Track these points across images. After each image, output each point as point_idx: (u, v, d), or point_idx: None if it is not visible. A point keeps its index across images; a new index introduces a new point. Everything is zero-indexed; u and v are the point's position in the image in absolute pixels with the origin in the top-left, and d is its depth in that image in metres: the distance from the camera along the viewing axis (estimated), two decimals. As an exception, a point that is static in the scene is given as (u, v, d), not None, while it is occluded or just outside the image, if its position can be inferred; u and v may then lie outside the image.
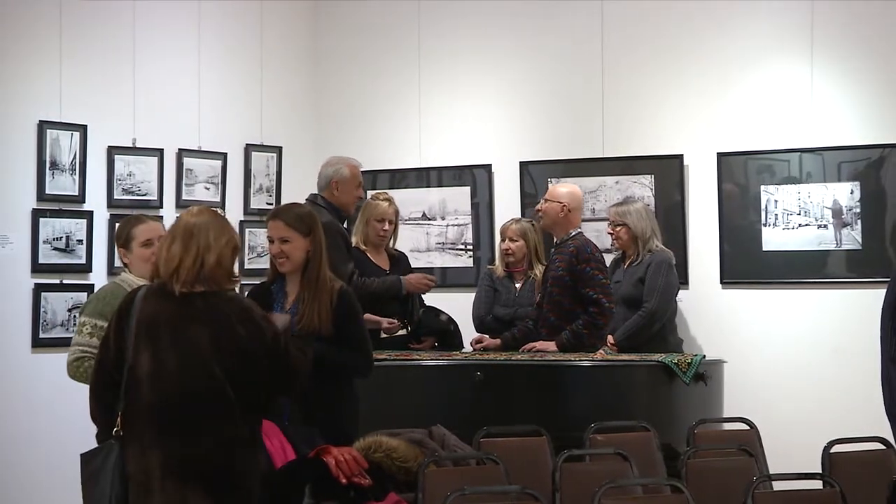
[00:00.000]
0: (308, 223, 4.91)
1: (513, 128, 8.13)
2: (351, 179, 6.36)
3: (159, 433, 4.00)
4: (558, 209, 6.60)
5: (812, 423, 7.00)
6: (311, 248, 4.89)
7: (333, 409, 4.88)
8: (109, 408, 4.09)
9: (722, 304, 7.51)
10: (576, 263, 6.46)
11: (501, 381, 6.15)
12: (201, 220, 4.15)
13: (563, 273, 6.49)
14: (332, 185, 6.35)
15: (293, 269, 4.94)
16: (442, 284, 8.02)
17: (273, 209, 5.37)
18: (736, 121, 7.51)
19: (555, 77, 7.98)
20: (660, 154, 7.64)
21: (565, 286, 6.49)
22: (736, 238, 7.47)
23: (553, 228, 6.70)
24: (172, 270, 4.09)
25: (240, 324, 4.07)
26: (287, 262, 4.92)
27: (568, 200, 6.62)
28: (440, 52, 8.28)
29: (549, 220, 6.67)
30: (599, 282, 6.45)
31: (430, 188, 8.28)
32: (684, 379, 6.10)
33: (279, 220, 4.93)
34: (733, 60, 7.51)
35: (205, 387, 4.01)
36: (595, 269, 6.47)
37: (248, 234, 8.04)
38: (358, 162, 6.51)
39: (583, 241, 6.56)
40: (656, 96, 7.70)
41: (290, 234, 4.90)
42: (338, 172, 6.38)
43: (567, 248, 6.53)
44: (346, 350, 4.89)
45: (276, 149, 8.22)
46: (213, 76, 7.94)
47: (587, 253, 6.48)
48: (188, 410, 4.00)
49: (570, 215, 6.61)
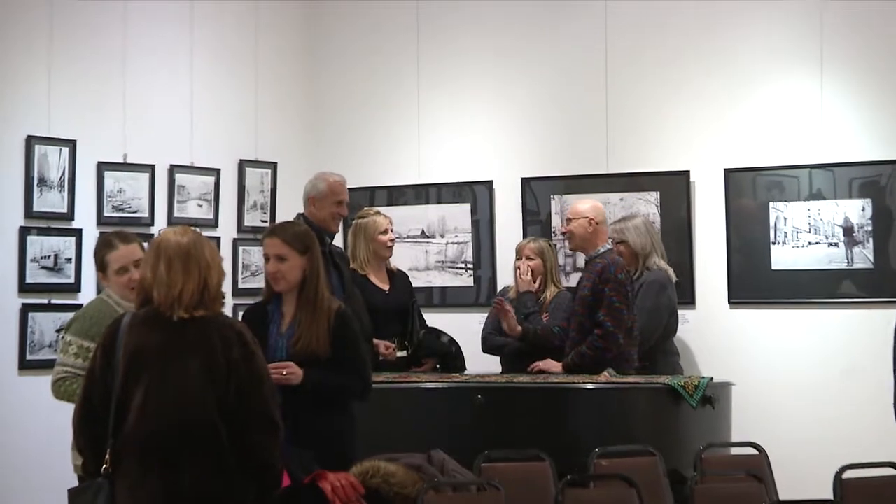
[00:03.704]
0: (305, 242, 4.93)
1: (514, 143, 8.13)
2: (328, 194, 6.33)
3: (150, 469, 3.98)
4: (585, 225, 6.63)
5: (823, 447, 6.98)
6: (307, 268, 4.90)
7: (329, 432, 4.88)
8: (97, 441, 4.07)
9: (730, 325, 7.50)
10: (598, 283, 6.50)
11: (503, 404, 6.13)
12: (193, 240, 4.13)
13: (588, 293, 6.54)
14: (310, 201, 6.36)
15: (289, 289, 4.94)
16: (442, 304, 8.08)
17: (270, 226, 5.38)
18: (744, 136, 7.51)
19: (557, 91, 7.99)
20: (665, 170, 7.64)
21: (588, 306, 6.53)
22: (744, 256, 7.46)
23: (583, 247, 6.72)
24: (175, 297, 4.05)
25: (235, 346, 4.05)
26: (283, 281, 4.93)
27: (593, 214, 6.66)
28: (440, 64, 8.29)
29: (579, 239, 6.69)
30: (612, 304, 6.46)
31: (429, 205, 8.27)
32: (691, 402, 6.09)
33: (276, 238, 4.95)
34: (741, 74, 7.52)
35: (196, 419, 3.99)
36: (612, 290, 6.47)
37: (242, 252, 8.05)
38: (340, 177, 6.45)
39: (609, 260, 6.57)
40: (662, 110, 7.71)
41: (286, 252, 4.91)
42: (314, 188, 6.38)
43: (595, 266, 6.58)
44: (343, 373, 4.89)
45: (270, 164, 8.24)
46: (206, 90, 7.95)
47: (609, 273, 6.49)
48: (179, 444, 3.98)
49: (598, 228, 6.65)
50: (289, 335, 4.92)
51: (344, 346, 4.89)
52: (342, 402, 4.98)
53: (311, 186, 6.40)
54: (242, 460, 4.01)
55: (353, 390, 4.97)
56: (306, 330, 4.85)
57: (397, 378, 6.44)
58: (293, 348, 4.84)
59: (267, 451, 4.04)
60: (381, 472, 4.62)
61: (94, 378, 4.10)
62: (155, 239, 4.20)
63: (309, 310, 4.88)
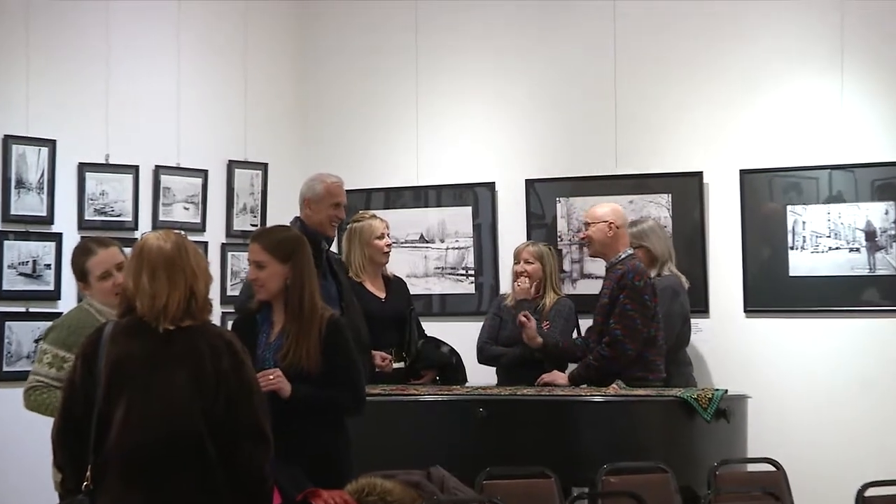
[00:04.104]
0: (287, 249, 4.91)
1: (518, 143, 8.13)
2: (324, 196, 6.35)
3: (133, 485, 3.96)
4: (605, 229, 6.66)
5: (844, 463, 7.01)
6: (290, 276, 4.89)
7: (322, 447, 4.88)
8: (77, 456, 4.04)
9: (745, 335, 7.51)
10: (615, 290, 6.53)
11: (506, 417, 6.13)
12: (177, 246, 4.10)
13: (607, 301, 6.57)
14: (305, 203, 6.37)
15: (270, 297, 4.95)
16: (441, 313, 8.08)
17: (255, 230, 5.37)
18: (760, 135, 7.52)
19: (564, 88, 7.99)
20: (677, 171, 7.64)
21: (607, 314, 6.57)
22: (760, 263, 7.47)
23: (604, 252, 6.73)
24: (160, 309, 4.02)
25: (224, 356, 4.04)
26: (262, 289, 4.95)
27: (613, 218, 6.68)
28: (440, 60, 8.29)
29: (599, 244, 6.71)
30: (626, 313, 6.48)
31: (428, 208, 8.27)
32: (705, 416, 6.10)
33: (256, 244, 4.97)
34: (758, 71, 7.53)
35: (183, 432, 3.97)
36: (628, 298, 6.49)
37: (231, 258, 8.05)
38: (337, 178, 6.47)
39: (630, 266, 6.59)
40: (674, 108, 7.71)
41: (265, 259, 4.92)
42: (310, 189, 6.39)
43: (615, 273, 6.60)
44: (335, 386, 4.88)
45: (261, 165, 8.23)
46: (193, 88, 7.94)
47: (627, 279, 6.52)
48: (164, 459, 3.96)
49: (618, 232, 6.67)
50: (276, 346, 4.91)
51: (335, 356, 4.88)
52: (335, 416, 4.97)
53: (307, 188, 6.41)
54: (231, 476, 3.99)
55: (346, 404, 4.96)
56: (295, 343, 4.85)
57: (395, 390, 6.44)
58: (281, 362, 4.84)
59: (257, 465, 4.03)
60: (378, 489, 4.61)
61: (74, 389, 4.08)
62: (137, 245, 4.17)
63: (296, 321, 4.88)
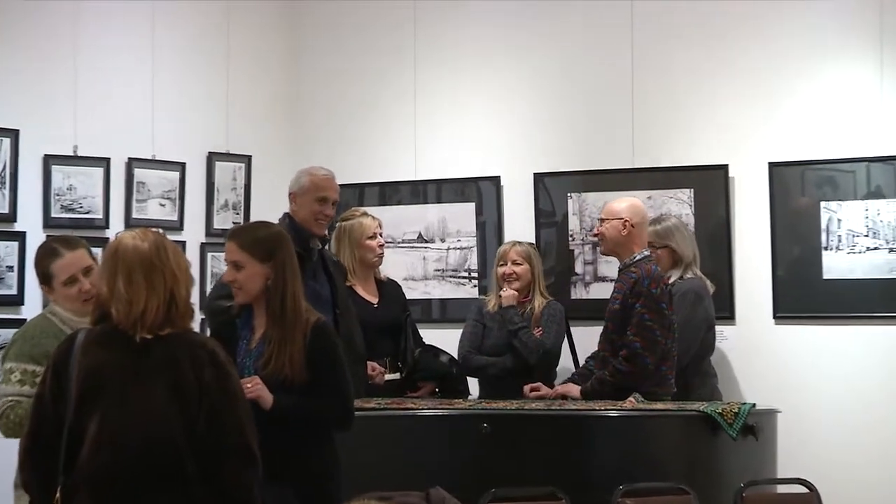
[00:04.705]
0: (268, 247, 4.92)
1: (526, 133, 8.14)
2: (309, 189, 6.39)
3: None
4: (619, 227, 6.64)
5: (883, 484, 7.06)
6: (271, 277, 4.90)
7: (310, 465, 4.87)
8: (46, 476, 4.03)
9: (775, 343, 7.52)
10: (628, 297, 6.51)
11: (512, 433, 6.11)
12: (156, 246, 4.10)
13: (619, 307, 6.55)
14: (291, 197, 6.44)
15: (249, 300, 4.96)
16: (442, 319, 8.09)
17: (231, 228, 5.37)
18: (792, 125, 7.53)
19: (576, 73, 8.00)
20: (701, 164, 7.67)
21: (619, 321, 6.54)
22: (791, 264, 7.49)
23: (617, 251, 6.71)
24: (137, 316, 4.02)
25: (207, 367, 4.03)
26: (241, 291, 4.96)
27: (629, 215, 6.66)
28: (439, 41, 8.30)
29: (612, 243, 6.69)
30: (643, 323, 6.45)
31: (427, 204, 8.28)
32: (730, 432, 6.07)
33: (233, 242, 4.98)
34: (789, 56, 7.54)
35: (160, 450, 3.96)
36: (644, 306, 6.46)
37: (211, 258, 8.01)
38: (327, 172, 6.50)
39: (645, 270, 6.55)
40: (697, 96, 7.72)
41: (243, 258, 4.92)
42: (296, 182, 6.46)
43: (629, 276, 6.58)
44: (320, 396, 4.87)
45: (244, 158, 8.24)
46: (170, 72, 7.93)
47: (642, 286, 6.48)
48: (140, 479, 3.95)
49: (633, 231, 6.64)
50: (257, 353, 4.92)
51: (321, 363, 4.87)
52: (322, 430, 4.96)
53: (294, 181, 6.49)
54: (215, 498, 3.99)
55: (333, 416, 4.95)
56: (277, 351, 4.84)
57: (391, 404, 6.43)
58: (262, 370, 4.84)
59: (243, 486, 4.02)
60: (373, 513, 4.61)
61: (43, 404, 4.06)
62: (111, 245, 4.14)
63: (278, 326, 4.87)
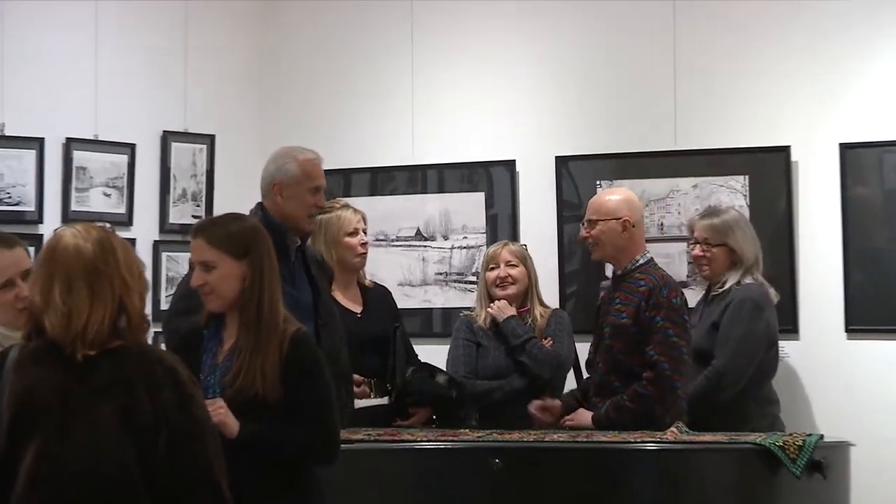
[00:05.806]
0: (243, 242, 4.92)
1: (546, 110, 8.19)
2: (301, 179, 6.30)
3: None
4: (618, 228, 6.60)
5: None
6: (248, 277, 4.88)
7: (287, 502, 4.87)
8: None
9: (847, 361, 7.55)
10: (645, 310, 6.48)
11: (529, 470, 6.08)
12: (102, 245, 4.06)
13: (629, 321, 6.51)
14: (275, 189, 6.32)
15: (225, 306, 4.93)
16: (444, 333, 8.09)
17: (196, 223, 5.36)
18: (866, 102, 7.58)
19: (609, 37, 8.07)
20: (757, 146, 7.71)
21: (628, 339, 6.51)
22: (867, 266, 7.55)
23: (616, 257, 6.69)
24: (77, 332, 3.98)
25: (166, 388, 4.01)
26: (213, 296, 4.93)
27: (627, 212, 6.62)
28: (441, 4, 8.37)
29: (610, 248, 6.65)
30: (668, 339, 6.45)
31: (426, 194, 8.34)
32: (794, 469, 6.01)
33: (200, 239, 4.95)
34: (862, 21, 7.61)
35: (110, 488, 3.94)
36: (668, 319, 6.45)
37: (167, 259, 8.11)
38: (314, 154, 6.42)
39: (657, 277, 6.55)
40: (751, 67, 7.78)
41: (214, 257, 4.90)
42: (281, 170, 6.34)
43: (636, 285, 6.54)
44: (298, 424, 4.84)
45: (206, 138, 8.32)
46: (117, 38, 8.01)
47: (661, 296, 6.47)
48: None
49: (634, 231, 6.63)
50: (224, 368, 4.90)
51: (299, 381, 4.82)
52: (300, 463, 4.93)
53: (277, 169, 6.35)
54: None
55: (313, 445, 4.90)
56: (248, 361, 4.81)
57: (383, 435, 6.41)
58: (228, 387, 4.82)
59: None
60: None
61: None
62: (48, 244, 4.12)
63: (252, 334, 4.85)
